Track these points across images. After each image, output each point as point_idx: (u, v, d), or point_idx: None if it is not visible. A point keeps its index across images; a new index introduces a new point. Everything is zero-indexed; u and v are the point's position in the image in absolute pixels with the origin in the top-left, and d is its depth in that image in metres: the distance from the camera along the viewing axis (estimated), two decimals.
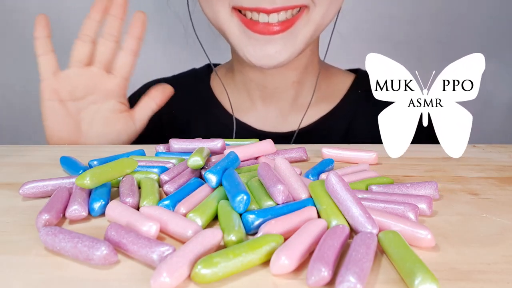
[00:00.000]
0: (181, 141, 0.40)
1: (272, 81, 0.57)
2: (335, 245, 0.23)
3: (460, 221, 0.28)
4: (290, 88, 0.58)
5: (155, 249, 0.23)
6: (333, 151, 0.41)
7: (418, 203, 0.29)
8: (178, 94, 0.63)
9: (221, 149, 0.40)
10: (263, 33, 0.48)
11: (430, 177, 0.36)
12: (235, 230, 0.25)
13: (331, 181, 0.27)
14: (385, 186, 0.32)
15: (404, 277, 0.22)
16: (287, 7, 0.48)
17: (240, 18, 0.50)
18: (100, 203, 0.29)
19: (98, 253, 0.23)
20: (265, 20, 0.48)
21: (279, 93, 0.58)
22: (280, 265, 0.22)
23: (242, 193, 0.27)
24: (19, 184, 0.33)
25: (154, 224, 0.25)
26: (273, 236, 0.24)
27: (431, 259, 0.24)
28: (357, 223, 0.25)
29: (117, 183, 0.34)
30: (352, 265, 0.21)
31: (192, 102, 0.62)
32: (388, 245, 0.24)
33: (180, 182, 0.33)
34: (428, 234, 0.25)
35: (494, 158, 0.41)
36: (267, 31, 0.48)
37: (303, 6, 0.49)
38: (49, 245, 0.24)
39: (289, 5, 0.48)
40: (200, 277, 0.21)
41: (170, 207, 0.29)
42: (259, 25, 0.48)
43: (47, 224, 0.27)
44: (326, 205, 0.27)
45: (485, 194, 0.33)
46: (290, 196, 0.29)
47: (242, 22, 0.50)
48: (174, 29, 0.77)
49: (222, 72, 0.63)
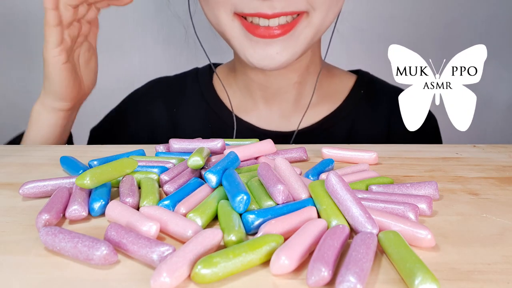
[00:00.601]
0: (181, 141, 0.40)
1: (274, 82, 0.58)
2: (335, 245, 0.23)
3: (460, 221, 0.28)
4: (292, 89, 0.59)
5: (155, 249, 0.23)
6: (333, 151, 0.41)
7: (418, 203, 0.29)
8: (180, 93, 0.63)
9: (221, 149, 0.40)
10: (264, 36, 0.49)
11: (430, 177, 0.36)
12: (235, 230, 0.25)
13: (331, 181, 0.27)
14: (385, 186, 0.32)
15: (404, 277, 0.22)
16: (286, 12, 0.48)
17: (242, 22, 0.50)
18: (100, 203, 0.29)
19: (98, 253, 0.23)
20: (266, 24, 0.49)
21: (281, 93, 0.59)
22: (280, 265, 0.22)
23: (242, 193, 0.27)
24: (19, 184, 0.33)
25: (154, 224, 0.25)
26: (273, 236, 0.24)
27: (431, 259, 0.24)
28: (357, 223, 0.25)
29: (117, 183, 0.34)
30: (352, 265, 0.21)
31: (194, 101, 0.62)
32: (388, 245, 0.24)
33: (180, 182, 0.33)
34: (428, 234, 0.25)
35: (494, 158, 0.41)
36: (268, 35, 0.49)
37: (303, 12, 0.50)
38: (49, 245, 0.24)
39: (288, 11, 0.48)
40: (200, 277, 0.21)
41: (170, 207, 0.29)
42: (260, 29, 0.49)
43: (47, 224, 0.26)
44: (326, 205, 0.27)
45: (485, 194, 0.33)
46: (290, 196, 0.29)
47: (243, 26, 0.50)
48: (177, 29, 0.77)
49: (224, 72, 0.64)
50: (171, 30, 0.83)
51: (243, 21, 0.50)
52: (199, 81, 0.63)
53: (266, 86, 0.58)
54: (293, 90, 0.59)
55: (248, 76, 0.59)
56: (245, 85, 0.60)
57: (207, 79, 0.63)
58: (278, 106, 0.60)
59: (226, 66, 0.65)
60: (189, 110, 0.62)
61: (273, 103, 0.59)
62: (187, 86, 0.63)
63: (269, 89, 0.58)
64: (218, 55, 0.66)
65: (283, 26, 0.49)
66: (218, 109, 0.61)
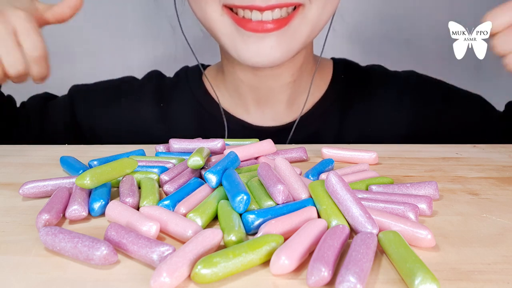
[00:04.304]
0: (181, 141, 0.40)
1: (266, 82, 0.54)
2: (335, 245, 0.23)
3: (460, 221, 0.28)
4: (285, 89, 0.55)
5: (155, 249, 0.23)
6: (333, 151, 0.41)
7: (418, 203, 0.29)
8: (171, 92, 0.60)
9: (221, 149, 0.40)
10: (256, 30, 0.46)
11: (430, 177, 0.36)
12: (235, 230, 0.25)
13: (331, 181, 0.27)
14: (385, 186, 0.32)
15: (404, 277, 0.22)
16: (281, 4, 0.46)
17: (232, 17, 0.47)
18: (100, 203, 0.29)
19: (98, 253, 0.23)
20: (258, 18, 0.46)
21: (274, 94, 0.56)
22: (280, 265, 0.22)
23: (242, 193, 0.27)
24: (19, 184, 0.33)
25: (154, 224, 0.25)
26: (273, 236, 0.24)
27: (431, 259, 0.24)
28: (357, 223, 0.25)
29: (117, 183, 0.34)
30: (352, 265, 0.21)
31: (185, 100, 0.60)
32: (388, 245, 0.24)
33: (180, 182, 0.33)
34: (428, 234, 0.25)
35: (494, 158, 0.41)
36: (261, 29, 0.46)
37: (298, 4, 0.47)
38: (49, 245, 0.24)
39: (284, 3, 0.46)
40: (200, 277, 0.21)
41: (170, 207, 0.29)
42: (252, 23, 0.46)
43: (47, 224, 0.27)
44: (326, 205, 0.27)
45: (485, 194, 0.33)
46: (290, 196, 0.29)
47: (234, 21, 0.47)
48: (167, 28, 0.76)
49: (212, 74, 0.60)
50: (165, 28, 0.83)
51: (233, 16, 0.47)
52: (189, 80, 0.60)
53: (256, 87, 0.55)
54: (287, 90, 0.56)
55: (237, 77, 0.55)
56: (235, 87, 0.57)
57: (198, 77, 0.60)
58: (271, 109, 0.56)
59: (214, 68, 0.62)
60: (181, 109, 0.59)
61: (265, 105, 0.56)
62: (177, 85, 0.61)
63: (260, 90, 0.55)
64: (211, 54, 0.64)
65: (277, 21, 0.46)
66: (209, 108, 0.58)
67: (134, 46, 0.87)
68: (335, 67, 0.60)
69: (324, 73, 0.59)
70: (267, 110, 0.57)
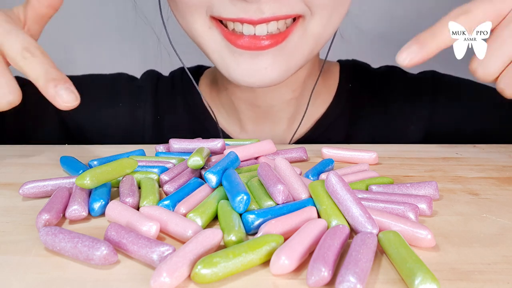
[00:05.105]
0: (181, 141, 0.40)
1: (265, 99, 0.48)
2: (335, 245, 0.23)
3: (460, 221, 0.28)
4: (286, 106, 0.49)
5: (155, 249, 0.23)
6: (333, 151, 0.41)
7: (418, 203, 0.29)
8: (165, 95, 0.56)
9: (221, 149, 0.40)
10: (248, 48, 0.40)
11: (430, 177, 0.36)
12: (235, 230, 0.25)
13: (331, 181, 0.27)
14: (385, 186, 0.32)
15: (404, 277, 0.22)
16: (278, 17, 0.39)
17: (221, 30, 0.41)
18: (100, 203, 0.29)
19: (98, 253, 0.23)
20: (251, 33, 0.39)
21: (275, 111, 0.50)
22: (280, 265, 0.22)
23: (242, 193, 0.27)
24: (19, 184, 0.33)
25: (154, 224, 0.25)
26: (273, 236, 0.24)
27: (431, 259, 0.24)
28: (357, 223, 0.25)
29: (117, 183, 0.34)
30: (352, 265, 0.21)
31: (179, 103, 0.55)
32: (388, 245, 0.24)
33: (180, 182, 0.33)
34: (428, 234, 0.25)
35: (494, 158, 0.41)
36: (254, 46, 0.39)
37: (298, 16, 0.40)
38: (49, 245, 0.24)
39: (280, 15, 0.39)
40: (200, 277, 0.21)
41: (170, 207, 0.29)
42: (244, 38, 0.39)
43: (47, 224, 0.26)
44: (326, 205, 0.27)
45: (485, 194, 0.33)
46: (290, 196, 0.29)
47: (223, 35, 0.41)
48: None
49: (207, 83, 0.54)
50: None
51: (222, 29, 0.41)
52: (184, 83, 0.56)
53: (256, 105, 0.49)
54: (290, 107, 0.50)
55: (232, 92, 0.49)
56: (230, 102, 0.51)
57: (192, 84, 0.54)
58: (270, 127, 0.51)
59: (209, 76, 0.55)
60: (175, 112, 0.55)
61: (264, 124, 0.50)
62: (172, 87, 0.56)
63: (260, 108, 0.49)
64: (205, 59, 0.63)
65: (273, 36, 0.39)
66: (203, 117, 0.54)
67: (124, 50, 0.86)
68: (342, 72, 0.54)
69: (329, 80, 0.53)
70: (266, 128, 0.51)
